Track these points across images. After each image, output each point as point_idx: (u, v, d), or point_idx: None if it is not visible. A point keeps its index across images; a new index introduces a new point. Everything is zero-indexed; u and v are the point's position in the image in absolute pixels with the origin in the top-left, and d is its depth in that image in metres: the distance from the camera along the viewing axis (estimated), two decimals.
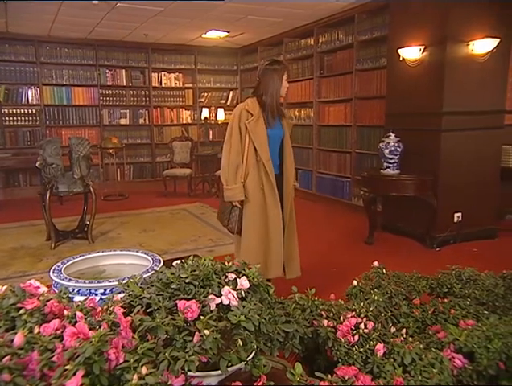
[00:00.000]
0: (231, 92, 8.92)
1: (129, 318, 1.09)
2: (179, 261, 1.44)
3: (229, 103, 8.89)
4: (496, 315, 1.82)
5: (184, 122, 8.61)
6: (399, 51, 4.52)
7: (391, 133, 4.44)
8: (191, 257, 1.41)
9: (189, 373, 1.10)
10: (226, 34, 7.15)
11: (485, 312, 1.92)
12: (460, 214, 4.50)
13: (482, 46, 4.19)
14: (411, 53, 4.44)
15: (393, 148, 4.39)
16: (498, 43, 4.20)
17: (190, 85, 8.56)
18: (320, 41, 6.36)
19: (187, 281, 1.29)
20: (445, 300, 2.06)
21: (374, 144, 5.19)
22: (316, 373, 1.22)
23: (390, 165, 4.44)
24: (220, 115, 7.84)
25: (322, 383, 1.16)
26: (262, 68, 2.80)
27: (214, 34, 7.17)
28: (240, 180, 2.73)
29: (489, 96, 4.48)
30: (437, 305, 1.99)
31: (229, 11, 5.67)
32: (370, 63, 5.47)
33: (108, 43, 7.68)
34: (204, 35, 7.28)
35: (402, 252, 4.30)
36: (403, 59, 4.52)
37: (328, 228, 5.23)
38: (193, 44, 8.11)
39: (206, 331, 1.09)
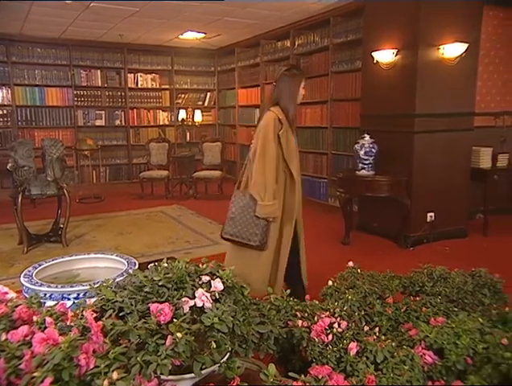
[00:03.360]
0: (208, 94, 8.90)
1: (100, 323, 1.08)
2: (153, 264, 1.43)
3: (206, 104, 8.87)
4: (465, 312, 1.88)
5: (161, 123, 8.54)
6: (373, 54, 4.59)
7: (366, 135, 4.51)
8: (164, 260, 1.40)
9: (162, 377, 1.10)
10: (203, 35, 7.13)
11: (455, 309, 1.98)
12: (432, 214, 4.61)
13: (452, 50, 4.30)
14: (385, 56, 4.51)
15: (368, 149, 4.46)
16: (467, 48, 4.31)
17: (167, 86, 8.50)
18: (297, 43, 6.42)
19: (160, 283, 1.28)
20: (417, 298, 2.11)
21: (350, 145, 5.26)
22: (290, 373, 1.24)
23: (365, 166, 4.50)
24: (198, 116, 7.81)
25: (295, 383, 1.17)
26: (279, 74, 2.67)
27: (191, 35, 7.14)
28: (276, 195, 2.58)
29: (459, 98, 4.60)
30: (409, 303, 2.04)
31: (205, 12, 5.66)
32: (346, 65, 5.55)
33: (82, 42, 7.55)
34: (180, 36, 7.24)
35: (377, 251, 4.37)
36: (377, 61, 4.60)
37: (305, 229, 5.22)
38: (170, 45, 8.06)
39: (179, 334, 1.09)
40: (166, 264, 1.37)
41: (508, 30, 5.42)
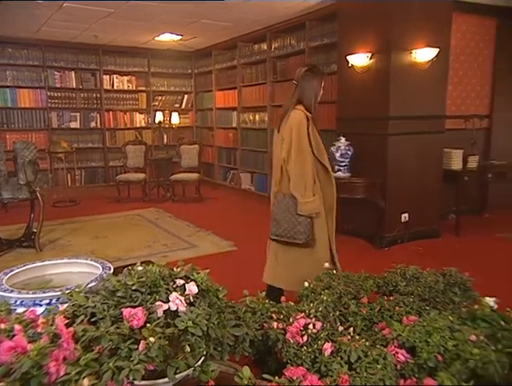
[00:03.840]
0: (185, 96, 8.85)
1: (71, 329, 1.06)
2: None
3: (183, 106, 8.83)
4: (436, 310, 1.92)
5: (138, 126, 8.45)
6: (348, 57, 4.67)
7: (342, 137, 4.57)
8: (138, 263, 1.39)
9: (135, 382, 1.09)
10: (179, 37, 7.10)
11: (427, 308, 2.02)
12: (406, 214, 4.70)
13: (423, 54, 4.41)
14: (359, 60, 4.59)
15: (343, 151, 4.53)
16: (438, 53, 4.43)
17: (143, 88, 8.42)
18: (273, 46, 6.46)
19: (133, 288, 1.27)
20: (391, 298, 2.15)
21: (327, 147, 5.31)
22: (264, 375, 1.24)
23: (341, 168, 4.57)
24: (175, 119, 7.77)
25: (269, 384, 1.18)
26: (301, 74, 2.68)
27: (167, 37, 7.10)
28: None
29: (431, 101, 4.71)
30: (383, 303, 2.07)
31: (181, 15, 5.64)
32: (322, 68, 5.59)
33: (56, 43, 7.41)
34: (156, 38, 7.19)
35: (353, 252, 4.42)
36: (352, 65, 4.67)
37: None
38: (146, 47, 7.98)
39: (152, 339, 1.08)
40: (140, 268, 1.36)
41: (475, 36, 5.59)
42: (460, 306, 2.09)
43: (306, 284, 2.29)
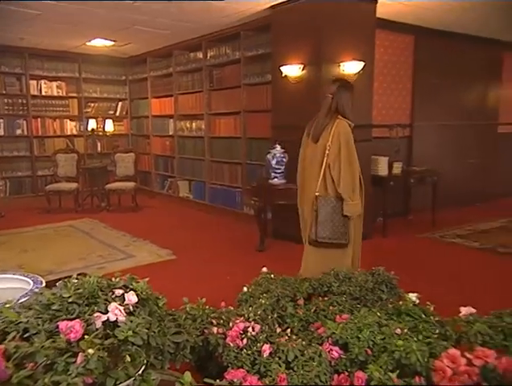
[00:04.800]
0: (120, 103, 8.61)
1: (1, 347, 1.03)
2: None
3: (118, 114, 8.58)
4: (366, 308, 2.06)
5: (69, 133, 8.07)
6: (281, 68, 4.82)
7: (277, 145, 4.70)
8: (74, 276, 1.37)
9: None
10: (112, 43, 6.92)
11: (358, 306, 2.16)
12: None
13: (351, 67, 4.67)
14: (292, 70, 4.76)
15: (279, 159, 4.66)
16: (364, 66, 4.71)
17: (74, 94, 8.07)
18: (209, 55, 6.50)
19: (70, 300, 1.25)
20: (325, 298, 2.27)
21: (263, 155, 5.41)
22: (205, 379, 1.27)
23: (278, 175, 4.70)
24: (109, 126, 7.54)
25: None
26: (336, 88, 3.00)
27: (99, 43, 6.89)
28: None
29: (359, 112, 4.93)
30: (318, 303, 2.18)
31: (114, 20, 5.52)
32: (257, 78, 5.73)
33: None
34: (88, 43, 6.95)
35: (290, 256, 4.52)
36: (286, 75, 4.83)
37: (222, 238, 5.33)
38: (77, 52, 7.68)
39: (90, 350, 1.08)
40: (76, 280, 1.34)
41: (396, 51, 6.03)
42: (387, 303, 2.25)
43: (245, 289, 2.36)
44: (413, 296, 2.09)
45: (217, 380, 1.37)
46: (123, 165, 7.09)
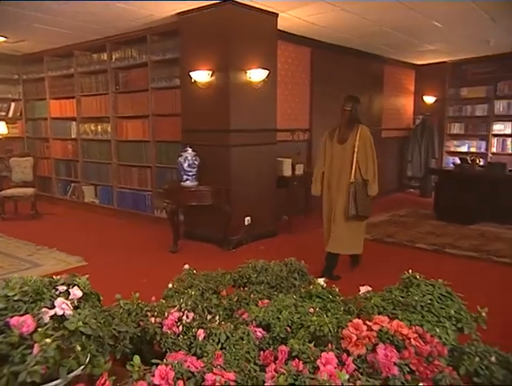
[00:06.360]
0: (13, 104, 7.93)
1: None
2: None
3: (10, 115, 7.90)
4: (282, 294, 2.32)
5: None
6: (191, 73, 4.96)
7: (189, 148, 4.84)
8: (15, 275, 1.39)
9: None
10: (3, 39, 6.42)
11: (275, 293, 2.41)
12: (249, 218, 5.21)
13: (256, 75, 4.99)
14: (201, 76, 4.93)
15: (191, 162, 4.80)
16: (268, 74, 5.05)
17: None
18: (114, 57, 6.36)
19: (15, 298, 1.29)
20: (246, 288, 2.48)
21: (174, 158, 5.49)
22: (153, 360, 1.39)
23: (190, 177, 4.83)
24: (1, 128, 6.96)
25: (160, 366, 1.33)
26: (353, 103, 3.94)
27: None
28: None
29: (265, 116, 5.34)
30: (240, 293, 2.39)
31: (9, 16, 5.16)
32: (165, 82, 5.76)
33: None
34: None
35: (203, 256, 4.70)
36: (195, 81, 4.98)
37: (134, 242, 5.29)
38: None
39: (48, 340, 1.14)
40: (17, 279, 1.37)
41: (296, 61, 6.52)
42: (299, 288, 2.54)
43: (170, 285, 2.47)
44: (321, 281, 2.40)
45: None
46: (19, 170, 6.60)
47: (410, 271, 1.86)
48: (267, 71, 5.04)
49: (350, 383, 1.24)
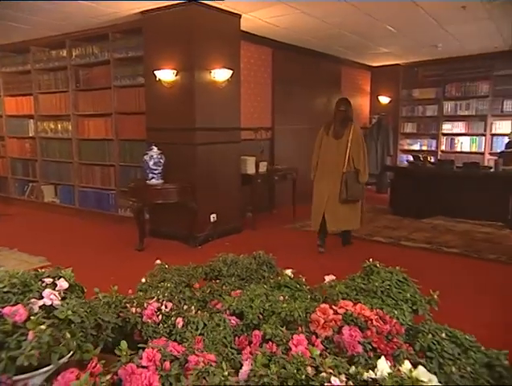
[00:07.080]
0: None
1: None
2: None
3: None
4: (253, 285, 2.44)
5: None
6: (155, 72, 4.97)
7: (154, 147, 4.86)
8: (2, 269, 1.44)
9: (14, 377, 1.19)
10: None
11: (246, 284, 2.53)
12: (215, 215, 5.30)
13: (220, 74, 5.07)
14: (166, 75, 4.96)
15: (156, 160, 4.83)
16: (232, 74, 5.16)
17: None
18: (74, 54, 6.24)
19: (5, 290, 1.34)
20: (217, 281, 2.59)
21: (137, 156, 5.49)
22: (139, 345, 1.48)
23: (155, 175, 4.86)
24: None
25: (147, 349, 1.42)
26: (347, 104, 4.70)
27: None
28: None
29: (229, 115, 5.44)
30: (212, 285, 2.49)
31: None
32: (128, 80, 5.72)
33: None
34: None
35: (170, 253, 4.75)
36: (159, 79, 5.00)
37: (98, 241, 5.26)
38: None
39: (42, 327, 1.21)
40: (3, 273, 1.42)
41: (258, 61, 6.67)
42: (268, 279, 2.68)
43: (143, 280, 2.54)
44: (288, 272, 2.54)
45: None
46: None
47: (371, 260, 2.03)
48: (231, 71, 5.13)
49: (321, 358, 1.38)
